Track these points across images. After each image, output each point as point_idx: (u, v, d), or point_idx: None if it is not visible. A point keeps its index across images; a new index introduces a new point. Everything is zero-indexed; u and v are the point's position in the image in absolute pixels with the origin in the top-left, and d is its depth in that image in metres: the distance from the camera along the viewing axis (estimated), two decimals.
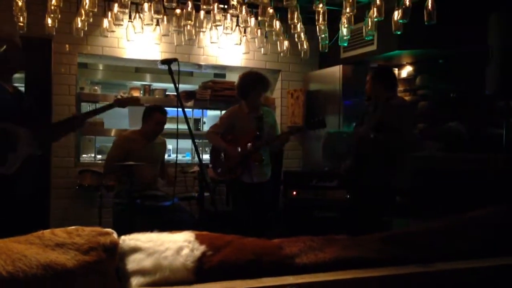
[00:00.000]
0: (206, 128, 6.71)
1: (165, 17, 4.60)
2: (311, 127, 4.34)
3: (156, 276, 1.36)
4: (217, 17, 4.48)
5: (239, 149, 4.14)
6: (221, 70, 6.54)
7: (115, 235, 1.43)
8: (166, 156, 5.17)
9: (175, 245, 1.42)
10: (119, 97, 3.93)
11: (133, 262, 1.39)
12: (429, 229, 1.84)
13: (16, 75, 5.63)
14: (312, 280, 1.42)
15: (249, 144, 4.12)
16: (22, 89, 5.30)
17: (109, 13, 4.60)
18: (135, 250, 1.41)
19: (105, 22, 4.73)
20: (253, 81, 4.16)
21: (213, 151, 4.39)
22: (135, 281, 1.36)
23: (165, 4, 3.98)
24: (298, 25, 4.52)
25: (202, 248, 1.44)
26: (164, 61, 3.06)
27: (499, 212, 1.93)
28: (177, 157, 4.19)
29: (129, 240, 1.44)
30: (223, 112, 4.70)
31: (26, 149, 2.99)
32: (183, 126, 2.91)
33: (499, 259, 1.70)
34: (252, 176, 4.11)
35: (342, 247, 1.62)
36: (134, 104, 4.06)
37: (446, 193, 4.42)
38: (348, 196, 4.57)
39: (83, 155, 5.78)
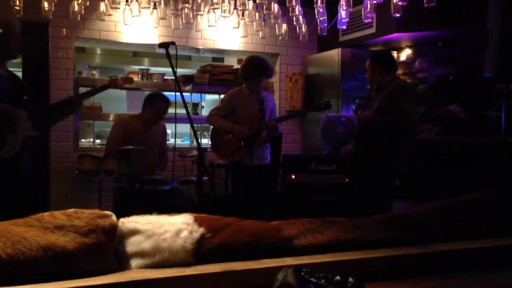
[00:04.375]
0: (204, 112, 6.70)
1: (162, 0, 4.55)
2: (317, 109, 4.32)
3: (155, 258, 1.36)
4: (215, 0, 4.44)
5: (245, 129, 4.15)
6: (219, 54, 6.51)
7: (114, 217, 1.43)
8: None
9: (174, 227, 1.42)
10: (113, 77, 3.92)
11: (132, 244, 1.39)
12: (426, 212, 1.85)
13: (14, 60, 5.64)
14: (311, 261, 1.43)
15: (252, 125, 4.13)
16: (20, 74, 5.29)
17: None
18: (134, 232, 1.42)
19: (102, 6, 4.68)
20: (261, 66, 4.16)
21: (214, 134, 4.38)
22: (134, 263, 1.37)
23: None
24: (297, 8, 4.48)
25: (201, 230, 1.45)
26: (161, 45, 3.03)
27: (494, 195, 1.94)
28: (175, 141, 4.19)
29: (128, 222, 1.44)
30: (222, 96, 4.67)
31: (24, 131, 3.00)
32: (181, 111, 2.89)
33: (493, 240, 1.72)
34: (253, 159, 4.16)
35: (341, 229, 1.62)
36: (129, 83, 4.15)
37: (444, 176, 4.44)
38: (347, 180, 4.58)
39: (82, 140, 5.78)
